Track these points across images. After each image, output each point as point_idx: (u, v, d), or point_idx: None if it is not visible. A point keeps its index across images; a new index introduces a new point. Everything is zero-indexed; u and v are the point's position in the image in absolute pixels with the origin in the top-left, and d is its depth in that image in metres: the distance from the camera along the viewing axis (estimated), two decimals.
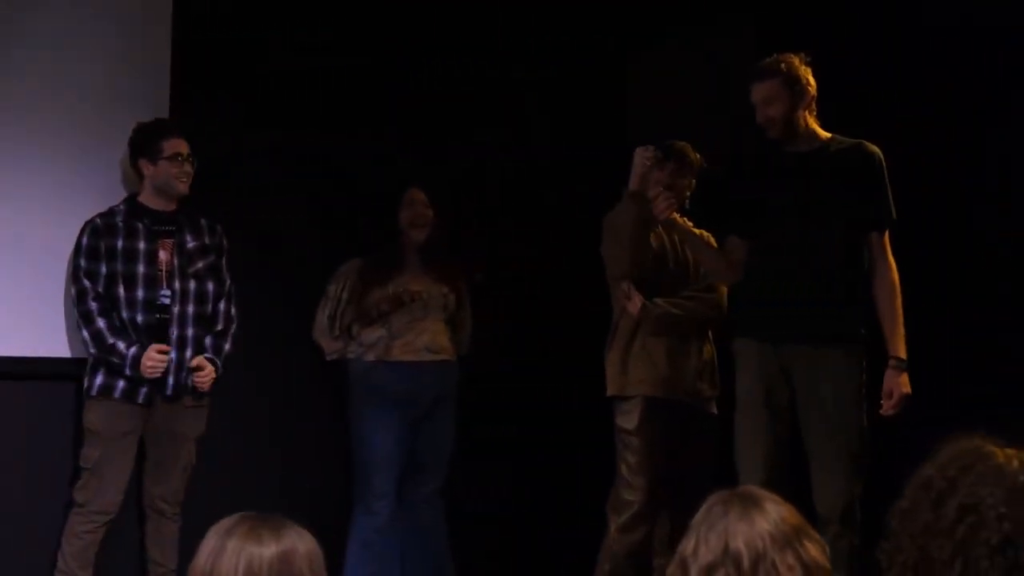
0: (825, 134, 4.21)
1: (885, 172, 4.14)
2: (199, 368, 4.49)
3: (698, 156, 4.68)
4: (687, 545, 1.97)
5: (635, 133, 4.94)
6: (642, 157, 4.43)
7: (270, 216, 5.06)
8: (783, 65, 4.13)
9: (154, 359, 4.35)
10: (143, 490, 4.56)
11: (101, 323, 4.40)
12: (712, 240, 4.56)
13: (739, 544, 1.93)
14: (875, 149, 4.15)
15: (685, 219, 4.68)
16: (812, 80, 4.15)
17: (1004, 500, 1.85)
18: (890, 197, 4.15)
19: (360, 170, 5.24)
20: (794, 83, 4.12)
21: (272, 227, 5.06)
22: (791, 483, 3.99)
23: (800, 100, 4.14)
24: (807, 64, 4.15)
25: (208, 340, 4.59)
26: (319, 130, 5.17)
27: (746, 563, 1.91)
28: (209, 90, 4.92)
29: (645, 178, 4.44)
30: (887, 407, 4.03)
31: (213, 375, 4.54)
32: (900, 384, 4.03)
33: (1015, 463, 1.90)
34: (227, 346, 4.64)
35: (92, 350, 4.41)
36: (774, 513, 1.96)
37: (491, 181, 5.50)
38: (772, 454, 4.10)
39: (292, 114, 5.13)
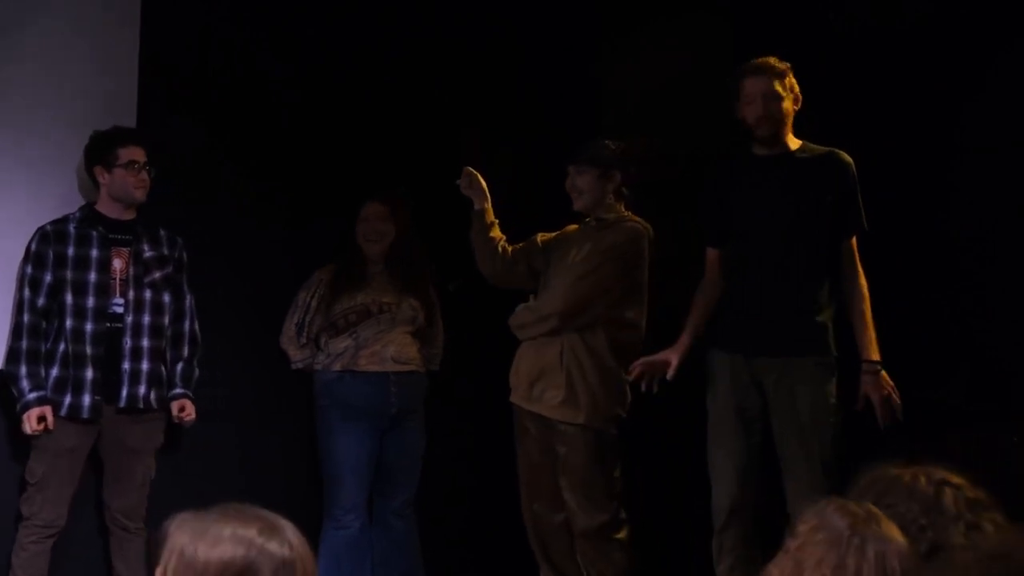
0: (796, 141, 4.22)
1: (857, 180, 4.15)
2: (182, 409, 4.51)
3: (618, 146, 4.60)
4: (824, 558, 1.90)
5: (607, 131, 4.90)
6: (463, 188, 4.70)
7: (238, 224, 5.00)
8: (783, 66, 4.15)
9: (34, 425, 4.22)
10: (103, 506, 4.47)
11: (24, 344, 4.30)
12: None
13: (895, 565, 1.90)
14: (848, 159, 4.16)
15: (630, 212, 4.60)
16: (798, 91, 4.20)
17: (922, 513, 2.05)
18: (860, 204, 4.15)
19: (331, 177, 5.19)
20: (792, 86, 4.16)
21: (240, 235, 4.99)
22: (765, 491, 3.98)
23: (795, 104, 4.17)
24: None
25: (179, 368, 4.54)
26: (289, 137, 5.13)
27: None
28: (176, 99, 4.87)
29: (475, 197, 4.70)
30: (881, 415, 4.00)
31: (194, 412, 4.52)
32: (878, 386, 4.00)
33: (922, 479, 2.10)
34: (197, 372, 4.59)
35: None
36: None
37: (447, 190, 5.42)
38: (744, 464, 4.10)
39: (261, 123, 5.08)
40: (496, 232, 4.70)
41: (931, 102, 4.75)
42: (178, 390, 4.53)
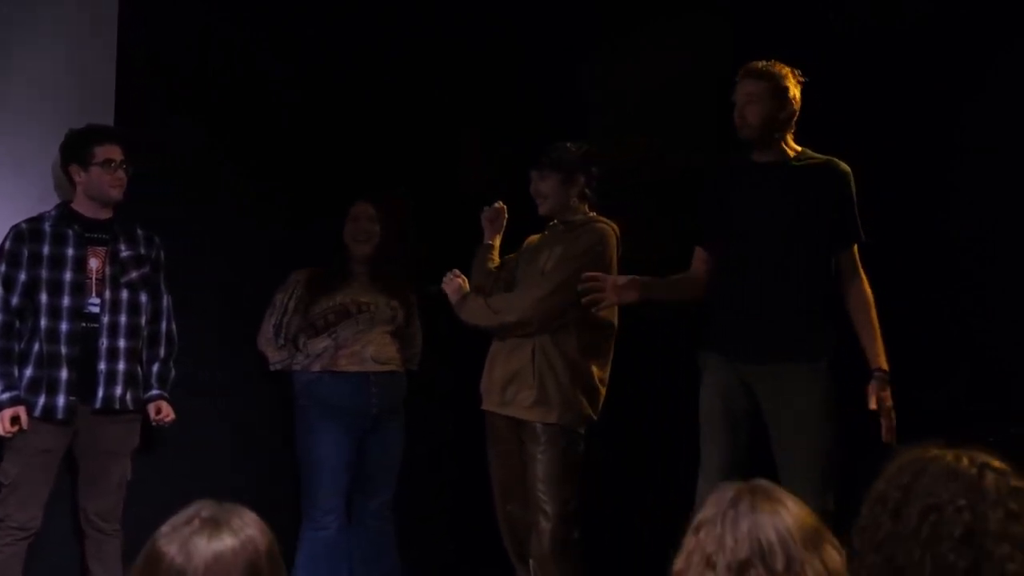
0: (796, 148, 4.20)
1: (854, 191, 4.13)
2: (159, 411, 4.46)
3: (579, 149, 4.55)
4: (706, 539, 1.86)
5: (606, 131, 4.91)
6: (486, 216, 4.80)
7: (215, 224, 4.96)
8: (775, 70, 4.12)
9: (7, 426, 4.18)
10: (78, 507, 4.43)
11: None
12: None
13: (770, 536, 1.84)
14: (845, 167, 4.15)
15: (594, 212, 4.58)
16: (798, 97, 4.14)
17: (961, 493, 1.94)
18: (857, 214, 4.13)
19: (330, 178, 5.18)
20: (781, 92, 4.11)
21: (217, 235, 4.95)
22: None
23: (781, 110, 4.12)
24: (799, 82, 4.14)
25: (155, 369, 4.49)
26: (268, 137, 5.11)
27: (779, 560, 1.82)
28: (154, 98, 4.85)
29: (488, 230, 4.79)
30: (886, 427, 3.98)
31: (172, 413, 4.48)
32: (887, 396, 4.01)
33: (964, 460, 1.98)
34: (173, 373, 4.55)
35: None
36: (797, 509, 1.89)
37: (447, 190, 5.42)
38: (729, 462, 4.11)
39: (260, 123, 5.07)
40: (494, 268, 4.73)
41: (931, 102, 4.75)
42: (154, 391, 4.49)
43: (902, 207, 4.69)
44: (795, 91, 4.13)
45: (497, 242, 4.80)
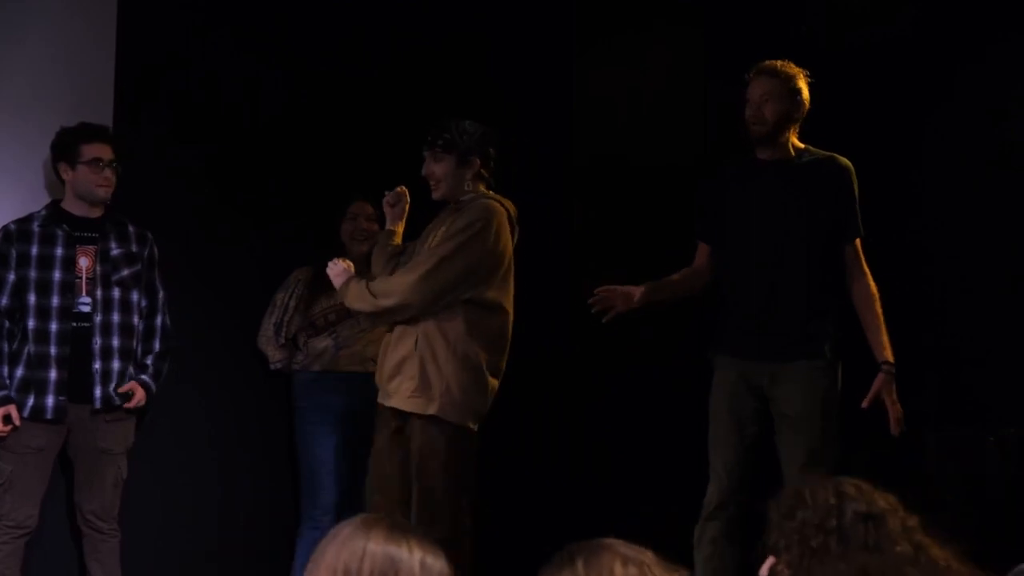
0: (799, 145, 4.23)
1: (856, 186, 4.17)
2: (130, 391, 4.37)
3: (476, 129, 4.28)
4: None
5: (581, 143, 4.95)
6: (388, 201, 4.48)
7: (214, 225, 4.97)
8: (790, 70, 4.17)
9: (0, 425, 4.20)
10: (75, 507, 4.41)
11: None
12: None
13: None
14: (846, 162, 4.19)
15: (490, 191, 4.33)
16: (808, 97, 4.18)
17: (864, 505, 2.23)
18: (858, 209, 4.17)
19: (309, 178, 5.19)
20: (796, 92, 4.16)
21: (217, 235, 4.96)
22: (752, 490, 4.11)
23: (795, 110, 4.16)
24: (808, 82, 4.19)
25: (149, 360, 4.46)
26: (267, 137, 5.11)
27: None
28: (152, 101, 4.86)
29: (390, 215, 4.47)
30: (894, 419, 4.03)
31: (142, 402, 4.41)
32: (891, 389, 4.06)
33: (829, 487, 2.29)
34: (166, 367, 4.51)
35: None
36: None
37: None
38: (734, 461, 4.16)
39: (240, 122, 5.07)
40: (396, 254, 4.42)
41: (908, 110, 4.78)
42: (140, 375, 4.41)
43: (900, 208, 4.71)
44: (806, 91, 4.18)
45: (400, 228, 4.49)
